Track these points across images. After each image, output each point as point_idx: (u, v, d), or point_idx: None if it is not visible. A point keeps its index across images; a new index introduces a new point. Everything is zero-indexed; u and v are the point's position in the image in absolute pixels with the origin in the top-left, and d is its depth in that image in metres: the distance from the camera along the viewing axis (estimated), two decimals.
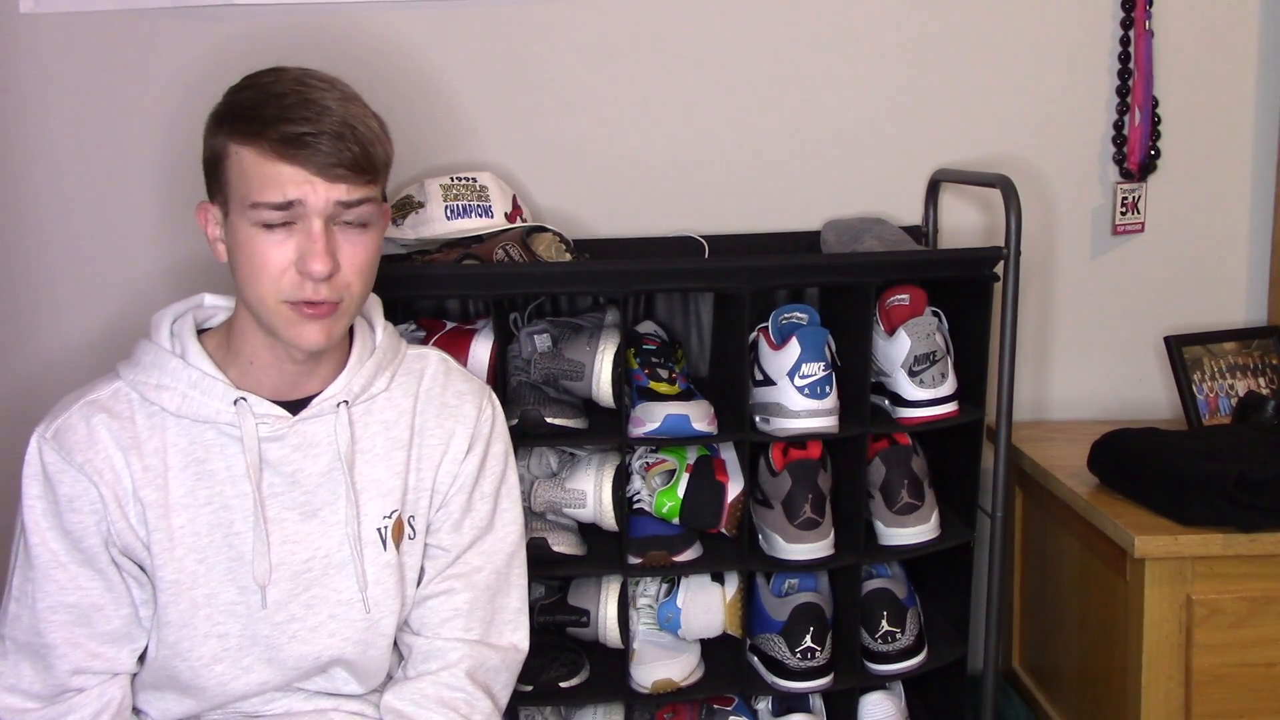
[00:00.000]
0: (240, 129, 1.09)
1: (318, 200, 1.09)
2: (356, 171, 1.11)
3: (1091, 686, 1.68)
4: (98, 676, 1.17)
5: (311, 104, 1.09)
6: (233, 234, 1.12)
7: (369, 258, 1.16)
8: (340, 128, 1.09)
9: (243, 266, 1.12)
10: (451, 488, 1.29)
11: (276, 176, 1.08)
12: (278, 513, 1.19)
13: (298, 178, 1.08)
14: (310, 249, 1.10)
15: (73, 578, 1.15)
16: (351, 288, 1.14)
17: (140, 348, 1.20)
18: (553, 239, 1.67)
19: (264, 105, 1.09)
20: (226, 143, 1.10)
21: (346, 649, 1.23)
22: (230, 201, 1.11)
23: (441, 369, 1.31)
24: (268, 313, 1.12)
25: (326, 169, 1.09)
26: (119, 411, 1.16)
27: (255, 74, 1.14)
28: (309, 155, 1.08)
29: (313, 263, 1.09)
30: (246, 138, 1.09)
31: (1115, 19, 1.89)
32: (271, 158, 1.08)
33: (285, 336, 1.14)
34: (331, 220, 1.11)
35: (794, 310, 1.66)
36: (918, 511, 1.61)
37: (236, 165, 1.10)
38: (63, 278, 1.84)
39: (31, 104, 1.81)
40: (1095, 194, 1.94)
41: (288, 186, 1.08)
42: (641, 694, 1.61)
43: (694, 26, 1.85)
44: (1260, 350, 1.88)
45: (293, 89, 1.10)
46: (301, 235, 1.10)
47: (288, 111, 1.08)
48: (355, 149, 1.10)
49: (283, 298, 1.11)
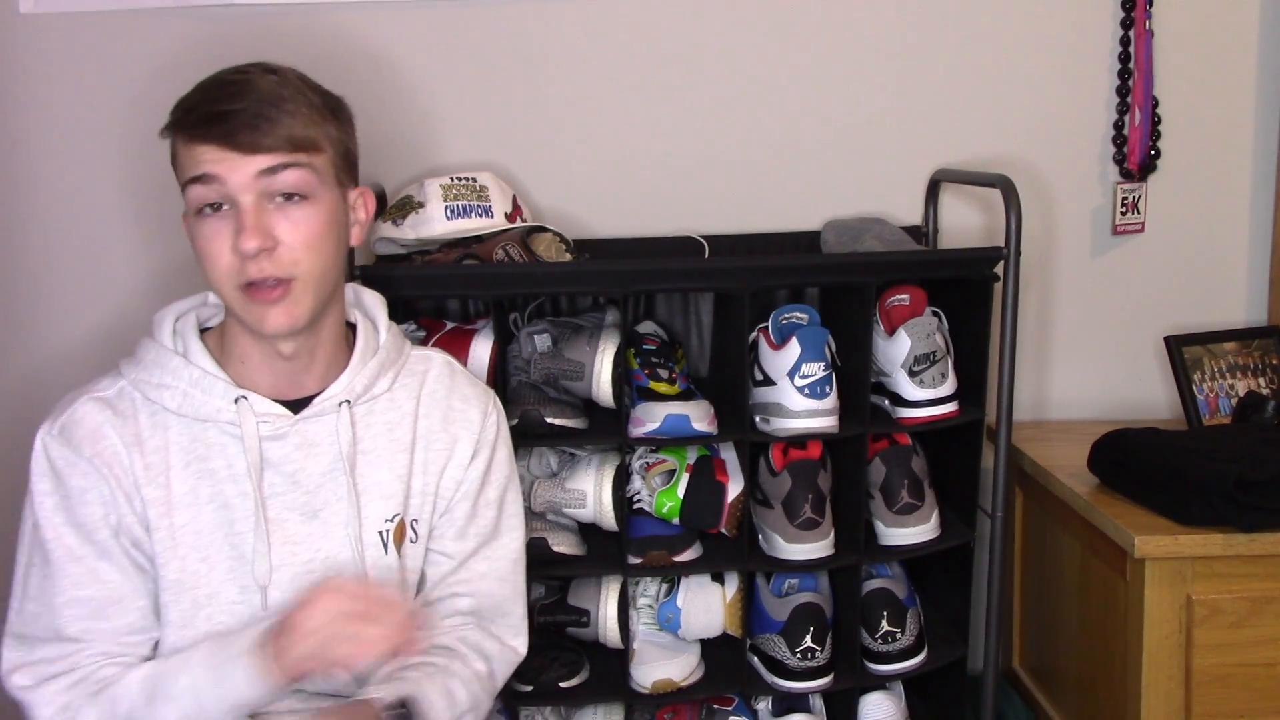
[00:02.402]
0: (173, 120, 1.12)
1: (237, 174, 1.09)
2: (276, 140, 1.10)
3: (1091, 686, 1.68)
4: (122, 659, 1.16)
5: (236, 84, 1.10)
6: (188, 230, 1.14)
7: (316, 230, 1.12)
8: (261, 105, 1.09)
9: (199, 260, 1.13)
10: (456, 494, 1.28)
11: (198, 155, 1.09)
12: (278, 513, 1.19)
13: (214, 155, 1.09)
14: (240, 225, 1.09)
15: (90, 570, 1.15)
16: (300, 264, 1.11)
17: (143, 346, 1.20)
18: (553, 239, 1.67)
19: (193, 94, 1.12)
20: (172, 138, 1.13)
21: None
22: (183, 197, 1.13)
23: (446, 372, 1.31)
24: (229, 301, 1.13)
25: (242, 143, 1.08)
26: (122, 410, 1.16)
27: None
28: (224, 130, 1.08)
29: (242, 240, 1.08)
30: (178, 128, 1.11)
31: (1115, 19, 1.89)
32: (195, 139, 1.10)
33: (249, 323, 1.13)
34: (264, 196, 1.10)
35: (794, 310, 1.66)
36: (918, 511, 1.61)
37: (176, 157, 1.12)
38: (63, 277, 1.84)
39: (31, 104, 1.81)
40: (1095, 194, 1.94)
41: (205, 163, 1.09)
42: (641, 694, 1.61)
43: (694, 27, 1.85)
44: (1260, 350, 1.88)
45: (228, 76, 1.12)
46: (232, 215, 1.10)
47: (211, 94, 1.11)
48: (274, 119, 1.09)
49: (234, 284, 1.11)
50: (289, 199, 1.11)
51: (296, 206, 1.12)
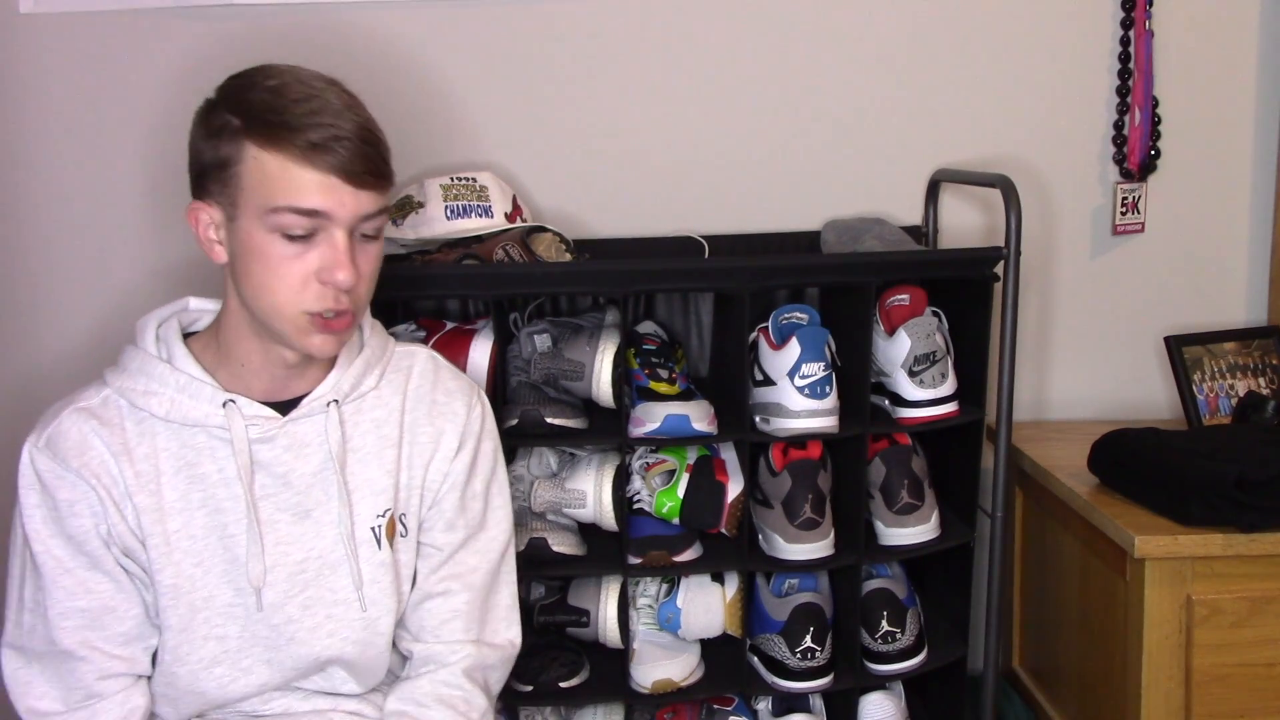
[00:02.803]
0: (262, 133, 1.07)
1: (344, 212, 1.09)
2: (378, 178, 1.12)
3: (1091, 686, 1.68)
4: (120, 680, 1.17)
5: (329, 108, 1.09)
6: (242, 239, 1.11)
7: (377, 267, 1.17)
8: (361, 132, 1.10)
9: (256, 274, 1.11)
10: (443, 486, 1.29)
11: (305, 182, 1.08)
12: (271, 514, 1.19)
13: (327, 184, 1.08)
14: (336, 260, 1.10)
15: (81, 582, 1.15)
16: (362, 298, 1.16)
17: (126, 354, 1.20)
18: (553, 239, 1.67)
19: (285, 109, 1.08)
20: (242, 146, 1.08)
21: (345, 649, 1.23)
22: (241, 205, 1.09)
23: (430, 366, 1.31)
24: (283, 321, 1.12)
25: (354, 175, 1.09)
26: (108, 419, 1.16)
27: (251, 74, 1.12)
28: (337, 161, 1.08)
29: (339, 273, 1.10)
30: (269, 142, 1.07)
31: (1115, 19, 1.89)
32: (300, 163, 1.07)
33: (297, 344, 1.14)
34: (352, 231, 1.11)
35: (794, 310, 1.66)
36: (918, 511, 1.61)
37: (255, 170, 1.08)
38: (63, 277, 1.84)
39: (31, 104, 1.81)
40: (1095, 194, 1.94)
41: (316, 194, 1.08)
42: (641, 694, 1.61)
43: (694, 26, 1.85)
44: (1260, 350, 1.88)
45: (306, 92, 1.09)
46: (325, 246, 1.10)
47: (311, 116, 1.08)
48: (375, 154, 1.11)
49: (304, 308, 1.11)
50: (367, 238, 1.14)
51: (372, 243, 1.15)
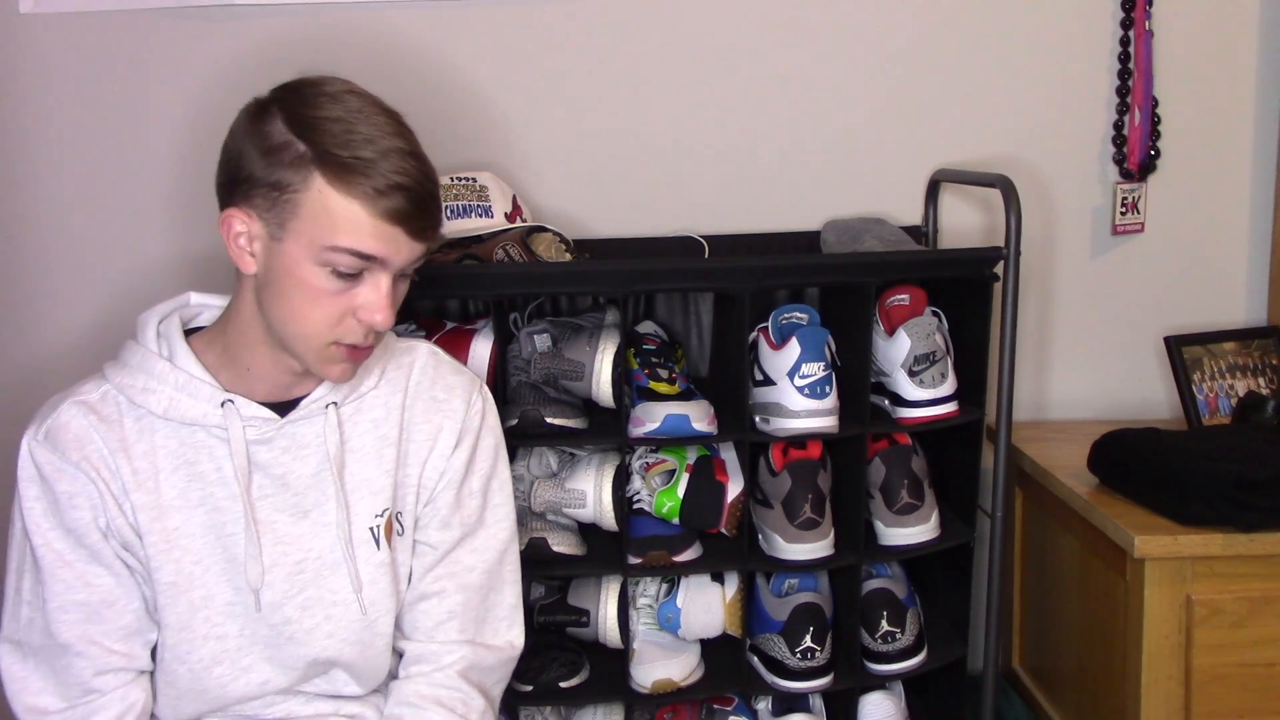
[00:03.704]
0: (334, 171, 1.06)
1: (399, 259, 1.11)
2: (436, 229, 1.13)
3: (1091, 686, 1.68)
4: (119, 676, 1.17)
5: (398, 151, 1.09)
6: (285, 263, 1.09)
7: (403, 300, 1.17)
8: (426, 185, 1.11)
9: (293, 300, 1.10)
10: (439, 483, 1.28)
11: (370, 228, 1.08)
12: (269, 515, 1.19)
13: (389, 234, 1.08)
14: (378, 303, 1.11)
15: (80, 575, 1.15)
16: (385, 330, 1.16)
17: (127, 349, 1.19)
18: (553, 239, 1.67)
19: (358, 148, 1.07)
20: (309, 176, 1.07)
21: (345, 650, 1.22)
22: (291, 230, 1.08)
23: (431, 362, 1.30)
24: (308, 348, 1.13)
25: (417, 230, 1.10)
26: (107, 414, 1.16)
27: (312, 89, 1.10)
28: (403, 212, 1.08)
29: (377, 315, 1.11)
30: (340, 181, 1.06)
31: (1115, 19, 1.89)
32: (367, 209, 1.07)
33: (316, 369, 1.15)
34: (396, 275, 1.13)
35: (794, 310, 1.66)
36: (918, 511, 1.61)
37: (318, 203, 1.07)
38: (62, 277, 1.84)
39: (31, 104, 1.81)
40: (1095, 194, 1.94)
41: (377, 241, 1.08)
42: (641, 694, 1.61)
43: (694, 26, 1.85)
44: (1260, 350, 1.88)
45: (376, 130, 1.08)
46: (368, 287, 1.11)
47: (384, 161, 1.07)
48: (436, 207, 1.13)
49: (333, 339, 1.12)
50: (404, 275, 1.15)
51: (405, 281, 1.16)
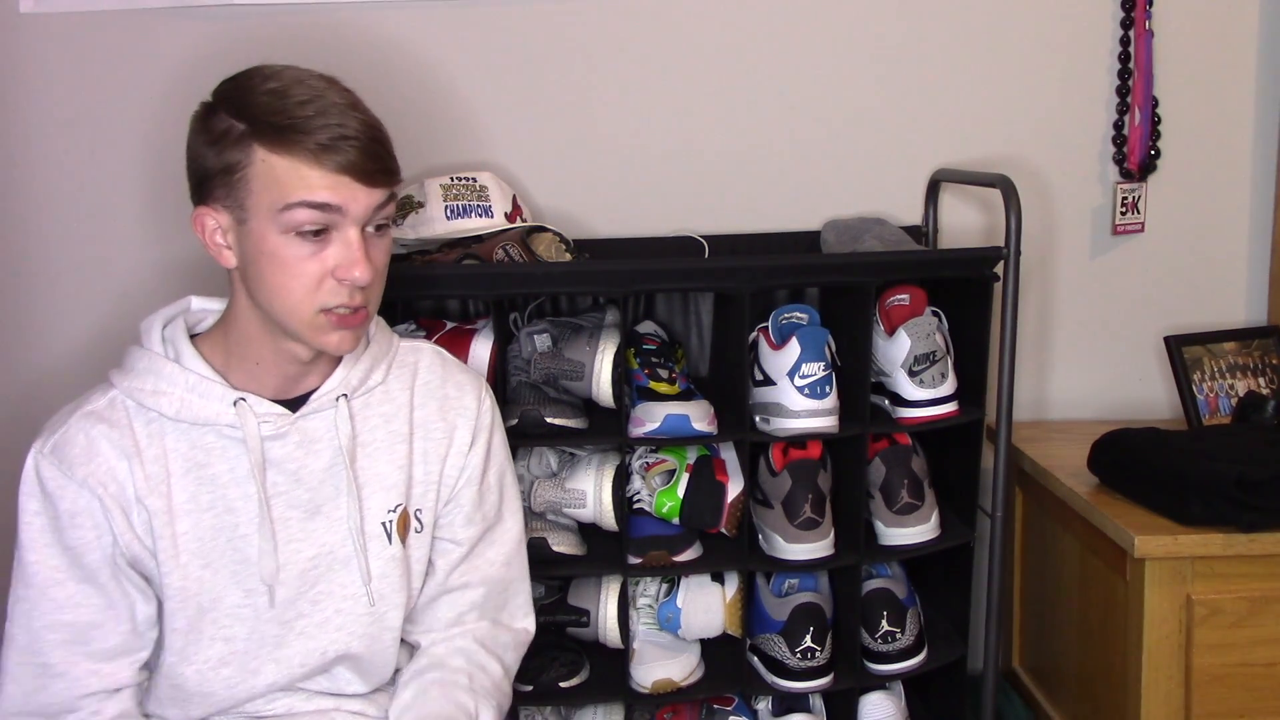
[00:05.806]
0: (270, 136, 1.07)
1: (358, 207, 1.10)
2: (388, 174, 1.12)
3: (1091, 686, 1.68)
4: (96, 697, 1.17)
5: (334, 107, 1.09)
6: (254, 242, 1.10)
7: (387, 259, 1.18)
8: (368, 130, 1.10)
9: (271, 276, 1.11)
10: (460, 480, 1.29)
11: (317, 180, 1.08)
12: (282, 511, 1.19)
13: (339, 183, 1.08)
14: (351, 257, 1.10)
15: (70, 595, 1.14)
16: (374, 291, 1.16)
17: (132, 354, 1.19)
18: (553, 239, 1.67)
19: (290, 111, 1.08)
20: (250, 150, 1.08)
21: (353, 644, 1.23)
22: (251, 209, 1.09)
23: (438, 361, 1.32)
24: (299, 321, 1.12)
25: (365, 174, 1.09)
26: (117, 420, 1.15)
27: (248, 76, 1.12)
28: (347, 160, 1.08)
29: (355, 270, 1.10)
30: (278, 145, 1.07)
31: (1115, 19, 1.89)
32: (310, 164, 1.07)
33: (314, 343, 1.14)
34: (364, 228, 1.12)
35: (794, 310, 1.66)
36: (918, 511, 1.61)
37: (265, 172, 1.08)
38: (63, 278, 1.84)
39: (31, 104, 1.81)
40: (1095, 194, 1.94)
41: (328, 191, 1.08)
42: (641, 694, 1.61)
43: (694, 26, 1.85)
44: (1260, 350, 1.88)
45: (309, 93, 1.09)
46: (339, 244, 1.10)
47: (318, 118, 1.08)
48: (383, 151, 1.12)
49: (320, 306, 1.12)
50: (378, 229, 1.14)
51: (382, 237, 1.15)
